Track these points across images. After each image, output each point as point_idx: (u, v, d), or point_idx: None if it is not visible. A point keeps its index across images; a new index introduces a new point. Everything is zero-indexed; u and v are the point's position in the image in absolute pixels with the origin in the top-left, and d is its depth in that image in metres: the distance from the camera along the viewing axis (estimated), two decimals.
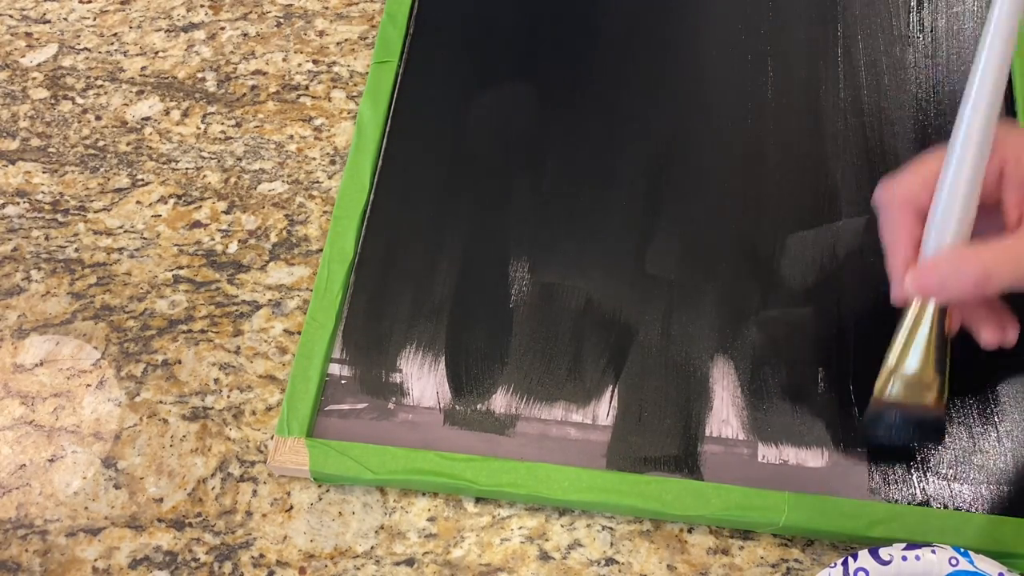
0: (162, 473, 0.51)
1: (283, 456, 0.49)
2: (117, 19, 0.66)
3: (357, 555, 0.48)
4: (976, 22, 0.61)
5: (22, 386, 0.53)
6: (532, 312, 0.53)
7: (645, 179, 0.57)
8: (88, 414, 0.52)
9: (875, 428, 0.47)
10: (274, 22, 0.65)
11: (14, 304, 0.56)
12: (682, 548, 0.48)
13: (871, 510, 0.47)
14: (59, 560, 0.49)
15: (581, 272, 0.54)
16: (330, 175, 0.59)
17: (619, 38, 0.62)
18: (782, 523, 0.47)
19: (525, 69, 0.61)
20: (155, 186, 0.59)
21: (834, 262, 0.53)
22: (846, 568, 0.42)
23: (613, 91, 0.60)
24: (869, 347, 0.51)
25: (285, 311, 0.55)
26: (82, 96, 0.63)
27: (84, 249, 0.57)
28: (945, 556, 0.42)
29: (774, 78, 0.59)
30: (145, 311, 0.55)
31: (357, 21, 0.65)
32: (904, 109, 0.58)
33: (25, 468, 0.51)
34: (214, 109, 0.62)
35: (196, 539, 0.49)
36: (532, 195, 0.56)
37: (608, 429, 0.50)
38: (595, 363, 0.51)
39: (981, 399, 0.49)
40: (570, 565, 0.48)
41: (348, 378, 0.52)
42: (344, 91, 0.62)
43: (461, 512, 0.49)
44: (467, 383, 0.51)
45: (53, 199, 0.59)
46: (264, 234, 0.57)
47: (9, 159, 0.61)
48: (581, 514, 0.49)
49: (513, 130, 0.59)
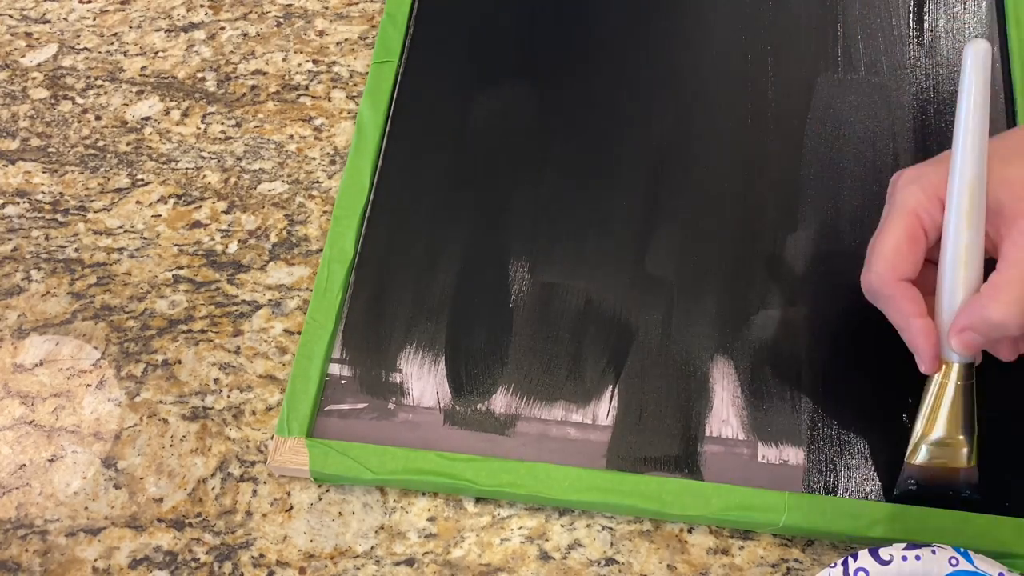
0: (162, 473, 0.51)
1: (283, 456, 0.49)
2: (117, 19, 0.66)
3: (357, 555, 0.48)
4: (976, 22, 0.61)
5: (22, 386, 0.53)
6: (532, 312, 0.53)
7: (645, 179, 0.57)
8: (88, 414, 0.52)
9: (909, 489, 0.47)
10: (274, 22, 0.65)
11: (14, 304, 0.56)
12: (682, 548, 0.48)
13: (871, 510, 0.47)
14: (59, 560, 0.49)
15: (581, 272, 0.54)
16: (330, 175, 0.59)
17: (619, 38, 0.62)
18: (782, 523, 0.47)
19: (525, 69, 0.61)
20: (155, 186, 0.59)
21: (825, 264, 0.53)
22: (846, 568, 0.42)
23: (613, 91, 0.60)
24: (865, 346, 0.51)
25: (285, 311, 0.55)
26: (82, 96, 0.63)
27: (84, 249, 0.57)
28: (945, 556, 0.42)
29: (774, 78, 0.59)
30: (145, 311, 0.55)
31: (357, 21, 0.65)
32: (904, 109, 0.58)
33: (25, 468, 0.51)
34: (214, 109, 0.62)
35: (196, 539, 0.49)
36: (532, 195, 0.56)
37: (608, 429, 0.50)
38: (595, 363, 0.51)
39: None
40: (570, 565, 0.48)
41: (348, 378, 0.52)
42: (344, 91, 0.62)
43: (461, 512, 0.49)
44: (467, 383, 0.51)
45: (53, 199, 0.59)
46: (264, 234, 0.57)
47: (9, 159, 0.61)
48: (581, 514, 0.49)
49: (513, 130, 0.59)
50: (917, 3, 0.61)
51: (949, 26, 0.61)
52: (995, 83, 0.58)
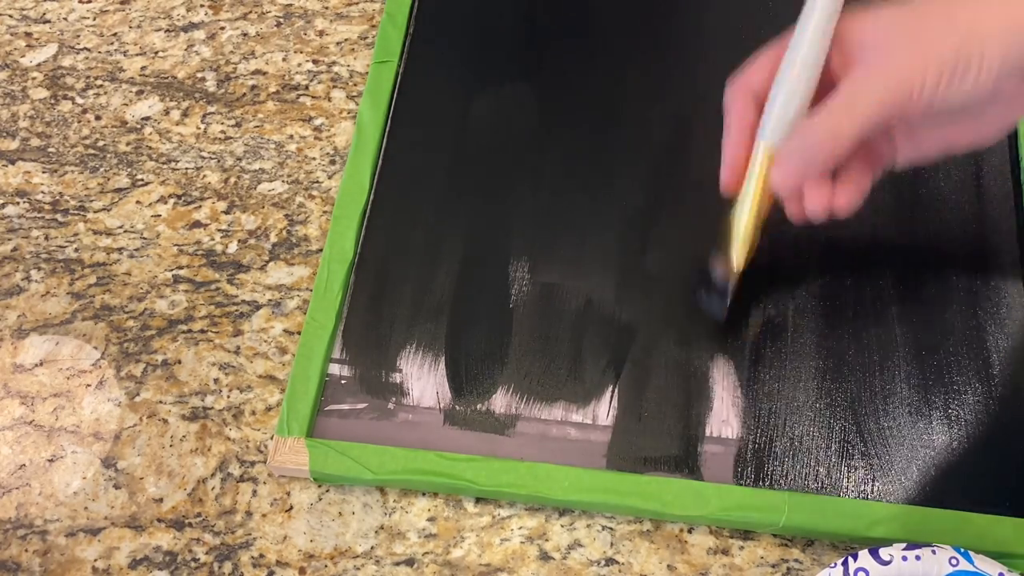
0: (162, 473, 0.51)
1: (283, 456, 0.49)
2: (117, 19, 0.66)
3: (357, 555, 0.48)
4: None
5: (22, 386, 0.53)
6: (532, 312, 0.53)
7: (645, 179, 0.57)
8: (88, 414, 0.52)
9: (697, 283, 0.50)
10: (274, 22, 0.65)
11: (14, 304, 0.56)
12: (682, 548, 0.48)
13: (871, 510, 0.47)
14: (59, 560, 0.49)
15: (581, 272, 0.54)
16: (330, 175, 0.59)
17: (619, 38, 0.62)
18: (782, 523, 0.47)
19: (525, 69, 0.61)
20: (155, 186, 0.59)
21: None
22: (846, 568, 0.43)
23: (613, 91, 0.60)
24: (865, 345, 0.51)
25: (285, 311, 0.55)
26: (82, 96, 0.63)
27: (84, 249, 0.57)
28: (945, 556, 0.42)
29: None
30: (145, 311, 0.55)
31: (357, 21, 0.65)
32: None
33: (25, 468, 0.51)
34: (214, 109, 0.62)
35: (196, 539, 0.49)
36: (532, 195, 0.56)
37: (608, 429, 0.50)
38: (595, 363, 0.51)
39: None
40: (570, 565, 0.48)
41: (348, 378, 0.52)
42: (344, 91, 0.62)
43: (461, 512, 0.49)
44: (467, 383, 0.51)
45: (53, 199, 0.59)
46: (264, 234, 0.57)
47: (9, 159, 0.61)
48: (581, 514, 0.49)
49: (513, 130, 0.59)
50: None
51: None
52: None
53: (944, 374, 0.50)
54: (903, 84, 0.40)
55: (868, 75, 0.41)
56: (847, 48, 0.43)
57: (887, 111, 0.41)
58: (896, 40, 0.41)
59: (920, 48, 0.40)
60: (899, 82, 0.40)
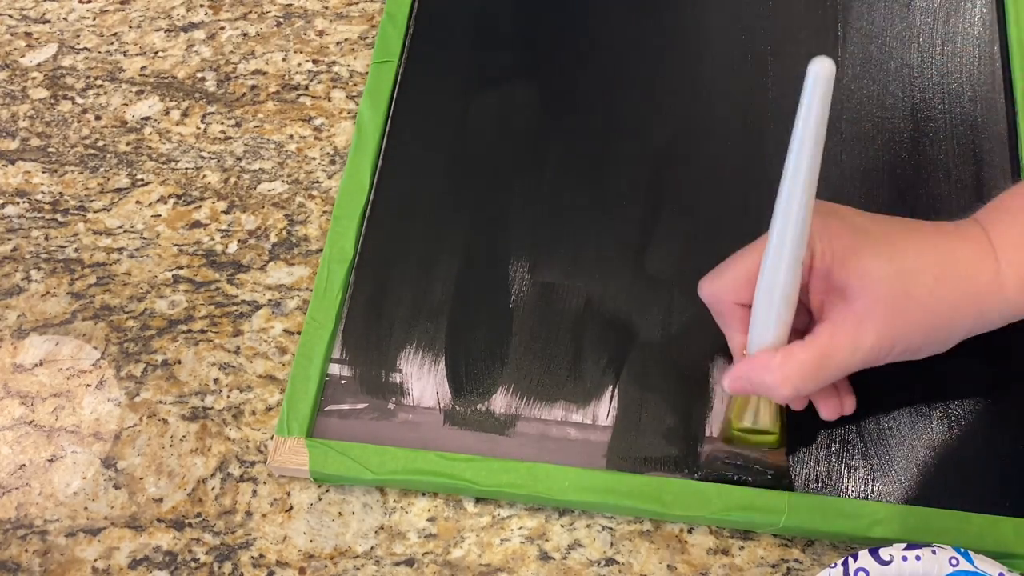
0: (162, 473, 0.51)
1: (283, 456, 0.49)
2: (117, 19, 0.66)
3: (357, 555, 0.48)
4: (976, 22, 0.61)
5: (22, 386, 0.53)
6: (532, 312, 0.53)
7: (645, 179, 0.57)
8: (88, 414, 0.52)
9: (716, 463, 0.49)
10: (274, 22, 0.65)
11: (14, 304, 0.56)
12: (682, 548, 0.48)
13: (871, 510, 0.47)
14: (59, 560, 0.49)
15: (581, 272, 0.54)
16: (330, 175, 0.59)
17: (619, 38, 0.62)
18: (782, 523, 0.47)
19: (525, 69, 0.61)
20: (155, 186, 0.59)
21: None
22: (846, 568, 0.42)
23: (613, 91, 0.60)
24: None
25: (285, 311, 0.55)
26: (82, 96, 0.63)
27: (84, 249, 0.57)
28: (945, 556, 0.42)
29: (774, 78, 0.59)
30: (145, 311, 0.55)
31: (357, 21, 0.65)
32: (903, 111, 0.58)
33: (25, 468, 0.51)
34: (214, 109, 0.62)
35: (196, 539, 0.49)
36: (532, 195, 0.56)
37: (608, 429, 0.50)
38: (595, 363, 0.51)
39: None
40: (570, 565, 0.48)
41: (348, 378, 0.52)
42: (344, 91, 0.62)
43: (461, 512, 0.49)
44: (467, 383, 0.51)
45: (53, 199, 0.59)
46: (264, 234, 0.57)
47: (9, 159, 0.60)
48: (581, 514, 0.49)
49: (513, 130, 0.59)
50: (917, 4, 0.61)
51: (949, 26, 0.61)
52: (995, 83, 0.58)
53: (944, 374, 0.50)
54: (871, 352, 0.43)
55: (842, 337, 0.43)
56: (833, 282, 0.44)
57: (853, 369, 0.44)
58: (877, 305, 0.43)
59: (896, 323, 0.43)
60: (868, 351, 0.43)
